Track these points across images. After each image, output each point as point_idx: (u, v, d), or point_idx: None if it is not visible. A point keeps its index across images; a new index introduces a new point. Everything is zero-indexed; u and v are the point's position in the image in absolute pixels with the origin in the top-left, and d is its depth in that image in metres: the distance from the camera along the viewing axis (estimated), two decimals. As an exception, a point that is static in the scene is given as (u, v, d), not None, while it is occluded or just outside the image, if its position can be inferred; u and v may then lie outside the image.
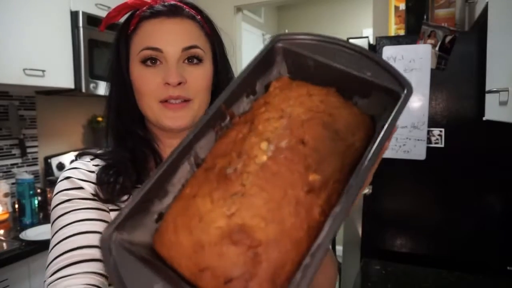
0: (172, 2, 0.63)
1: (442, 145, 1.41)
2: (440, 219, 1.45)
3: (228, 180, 0.30)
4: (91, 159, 0.63)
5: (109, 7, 2.15)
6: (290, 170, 0.30)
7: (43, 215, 1.90)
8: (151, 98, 0.60)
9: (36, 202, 1.82)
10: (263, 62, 0.37)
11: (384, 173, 1.52)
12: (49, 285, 0.49)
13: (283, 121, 0.33)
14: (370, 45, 1.50)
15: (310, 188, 0.29)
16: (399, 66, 1.43)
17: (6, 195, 1.82)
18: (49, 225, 1.78)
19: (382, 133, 0.31)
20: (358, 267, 1.48)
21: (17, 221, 1.79)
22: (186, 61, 0.61)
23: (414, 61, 1.41)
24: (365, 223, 1.55)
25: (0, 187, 1.81)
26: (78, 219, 0.55)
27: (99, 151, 0.66)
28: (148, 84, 0.59)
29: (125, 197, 0.59)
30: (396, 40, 1.46)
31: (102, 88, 2.07)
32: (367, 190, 0.32)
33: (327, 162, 0.31)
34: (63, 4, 1.90)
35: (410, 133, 1.43)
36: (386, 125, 0.32)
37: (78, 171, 0.60)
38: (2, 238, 1.63)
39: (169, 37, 0.60)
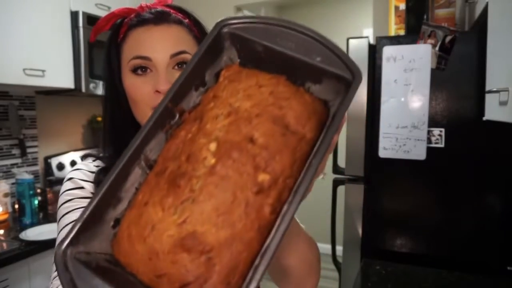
0: (159, 9, 0.64)
1: (442, 145, 1.41)
2: (440, 219, 1.45)
3: (177, 187, 0.30)
4: (93, 160, 0.68)
5: (109, 7, 2.15)
6: (239, 172, 0.29)
7: (43, 215, 1.90)
8: (145, 105, 0.61)
9: (36, 202, 1.82)
10: (210, 51, 0.36)
11: (384, 173, 1.53)
12: (54, 278, 0.53)
13: (231, 118, 0.32)
14: (370, 45, 1.50)
15: (259, 188, 0.29)
16: (399, 66, 1.44)
17: (6, 195, 1.82)
18: (49, 225, 1.78)
19: (331, 125, 0.31)
20: (358, 267, 1.48)
21: (17, 221, 1.79)
22: (176, 67, 0.61)
23: (414, 61, 1.41)
24: (365, 223, 1.55)
25: (0, 187, 1.81)
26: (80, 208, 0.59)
27: (101, 155, 0.69)
28: (140, 93, 0.61)
29: None
30: (396, 40, 1.46)
31: (102, 88, 2.07)
32: (321, 177, 0.32)
33: (277, 159, 0.30)
34: (63, 4, 1.90)
35: (410, 133, 1.43)
36: (336, 117, 0.31)
37: (80, 171, 0.65)
38: (2, 238, 1.63)
39: (157, 45, 0.60)
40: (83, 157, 0.71)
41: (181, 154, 0.32)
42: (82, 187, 0.62)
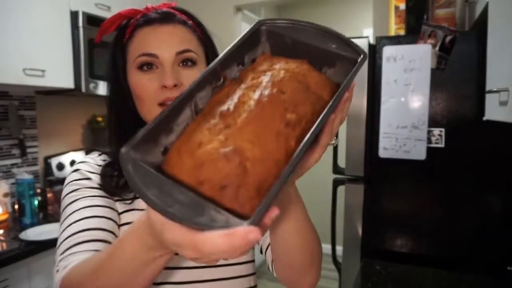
0: (165, 9, 0.66)
1: (442, 145, 1.41)
2: (440, 219, 1.45)
3: (223, 116, 0.38)
4: (99, 155, 0.69)
5: (109, 7, 2.15)
6: (272, 110, 0.38)
7: (43, 215, 1.90)
8: (151, 102, 0.62)
9: (36, 202, 1.82)
10: (250, 41, 0.45)
11: (384, 173, 1.53)
12: (60, 260, 0.55)
13: (266, 77, 0.41)
14: (370, 45, 1.50)
15: (287, 123, 0.37)
16: (399, 66, 1.44)
17: (6, 195, 1.82)
18: (49, 225, 1.78)
19: (343, 85, 0.40)
20: (358, 267, 1.48)
21: (17, 221, 1.79)
22: (181, 64, 0.63)
23: (414, 61, 1.41)
24: (365, 223, 1.55)
25: (0, 187, 1.81)
26: (86, 205, 0.60)
27: (106, 150, 0.70)
28: (146, 89, 0.62)
29: (130, 194, 0.64)
30: (396, 40, 1.46)
31: (102, 88, 2.07)
32: (333, 141, 0.38)
33: (301, 106, 0.39)
34: (63, 4, 1.90)
35: (410, 133, 1.43)
36: (346, 80, 0.40)
37: (87, 164, 0.66)
38: (2, 238, 1.62)
39: (163, 42, 0.62)
40: (88, 151, 0.72)
41: (227, 99, 0.40)
42: (89, 178, 0.63)
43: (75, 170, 0.65)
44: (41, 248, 1.55)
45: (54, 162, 2.17)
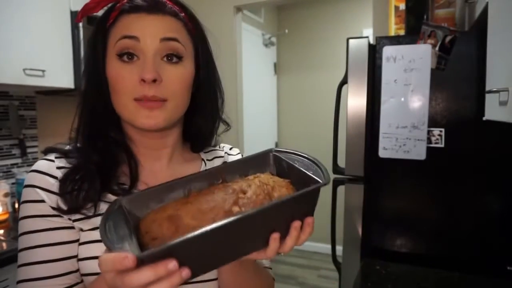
0: None
1: (442, 145, 1.41)
2: (440, 219, 1.45)
3: (191, 197, 0.50)
4: (56, 158, 0.61)
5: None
6: (224, 199, 0.48)
7: (43, 215, 1.90)
8: (127, 96, 0.58)
9: (36, 202, 1.82)
10: (259, 160, 0.58)
11: (384, 173, 1.53)
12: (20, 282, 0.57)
13: (243, 182, 0.51)
14: (370, 45, 1.50)
15: (229, 211, 0.46)
16: (399, 66, 1.43)
17: (6, 195, 1.82)
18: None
19: (283, 198, 0.47)
20: (358, 267, 1.48)
21: (17, 221, 1.79)
22: (164, 58, 0.59)
23: (414, 61, 1.41)
24: (365, 223, 1.55)
25: (0, 187, 1.81)
26: (37, 244, 0.57)
27: (67, 147, 0.64)
28: (124, 82, 0.57)
29: (89, 205, 0.58)
30: (396, 40, 1.46)
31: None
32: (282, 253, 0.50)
33: (251, 207, 0.47)
34: (63, 4, 1.90)
35: (410, 133, 1.43)
36: (289, 196, 0.48)
37: (41, 177, 0.59)
38: (2, 238, 1.63)
39: (148, 28, 0.58)
40: (46, 152, 0.64)
41: (207, 192, 0.51)
42: (42, 201, 0.57)
43: (30, 186, 0.59)
44: (41, 248, 1.55)
45: (54, 162, 2.17)
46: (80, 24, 1.93)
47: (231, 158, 0.78)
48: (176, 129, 0.67)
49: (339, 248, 1.63)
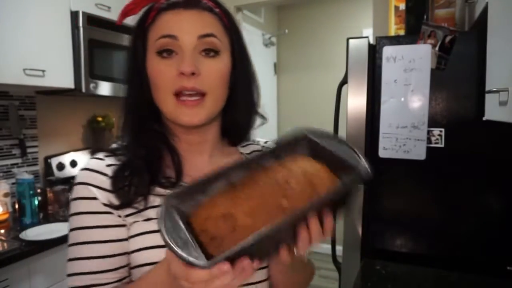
0: None
1: (442, 145, 1.41)
2: (440, 219, 1.45)
3: (237, 190, 0.50)
4: (105, 156, 0.64)
5: (109, 7, 2.15)
6: (272, 193, 0.48)
7: (43, 215, 1.90)
8: (166, 91, 0.60)
9: (36, 202, 1.82)
10: (293, 144, 0.57)
11: (384, 173, 1.53)
12: (70, 275, 0.59)
13: (285, 170, 0.52)
14: (370, 45, 1.50)
15: (279, 206, 0.47)
16: (399, 66, 1.43)
17: (6, 195, 1.82)
18: (49, 225, 1.78)
19: (326, 193, 0.48)
20: (358, 267, 1.48)
21: (17, 221, 1.79)
22: (202, 53, 0.60)
23: (414, 61, 1.41)
24: (365, 223, 1.55)
25: (0, 187, 1.81)
26: (89, 240, 0.59)
27: (113, 146, 0.67)
28: (163, 76, 0.59)
29: (140, 199, 0.60)
30: (396, 40, 1.46)
31: (102, 88, 2.08)
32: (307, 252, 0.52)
33: (297, 197, 0.48)
34: (63, 4, 1.90)
35: (410, 133, 1.43)
36: (329, 192, 0.49)
37: (93, 175, 0.61)
38: (2, 238, 1.63)
39: (185, 25, 0.60)
40: (93, 152, 0.67)
41: (248, 180, 0.52)
42: (94, 198, 0.59)
43: (81, 183, 0.61)
44: (41, 248, 1.55)
45: (54, 162, 2.17)
46: (80, 24, 1.93)
47: None
48: (215, 123, 0.69)
49: (339, 248, 1.63)
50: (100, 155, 0.64)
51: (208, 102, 0.61)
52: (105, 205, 0.59)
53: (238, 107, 0.69)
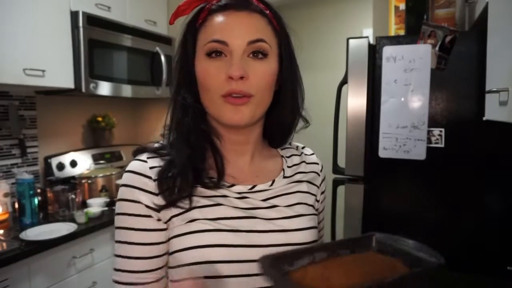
0: None
1: (442, 145, 1.41)
2: (440, 219, 1.45)
3: (328, 262, 0.55)
4: (148, 158, 0.64)
5: (109, 7, 2.15)
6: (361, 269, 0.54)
7: (43, 215, 1.90)
8: (214, 93, 0.60)
9: (36, 202, 1.82)
10: (360, 243, 0.62)
11: (384, 173, 1.53)
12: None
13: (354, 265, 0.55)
14: (370, 45, 1.50)
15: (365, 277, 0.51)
16: (399, 66, 1.43)
17: (6, 195, 1.82)
18: (49, 225, 1.79)
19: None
20: (358, 267, 1.48)
21: (17, 221, 1.79)
22: (251, 55, 0.61)
23: (414, 61, 1.41)
24: (365, 223, 1.55)
25: (0, 187, 1.81)
26: (132, 241, 0.62)
27: (156, 145, 0.68)
28: (212, 79, 0.60)
29: (184, 199, 0.61)
30: (396, 40, 1.46)
31: (102, 88, 2.08)
32: None
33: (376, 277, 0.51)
34: (63, 4, 1.90)
35: (410, 133, 1.43)
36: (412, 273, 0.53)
37: (136, 177, 0.63)
38: (2, 238, 1.63)
39: (235, 30, 0.60)
40: (136, 152, 0.67)
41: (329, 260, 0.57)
42: (138, 201, 0.61)
43: (127, 186, 0.62)
44: (41, 248, 1.55)
45: (54, 162, 2.17)
46: (80, 24, 1.93)
47: (307, 158, 0.81)
48: (258, 125, 0.69)
49: (339, 248, 1.63)
50: (143, 156, 0.65)
51: (253, 104, 0.61)
52: (148, 207, 0.61)
53: (283, 109, 0.70)
